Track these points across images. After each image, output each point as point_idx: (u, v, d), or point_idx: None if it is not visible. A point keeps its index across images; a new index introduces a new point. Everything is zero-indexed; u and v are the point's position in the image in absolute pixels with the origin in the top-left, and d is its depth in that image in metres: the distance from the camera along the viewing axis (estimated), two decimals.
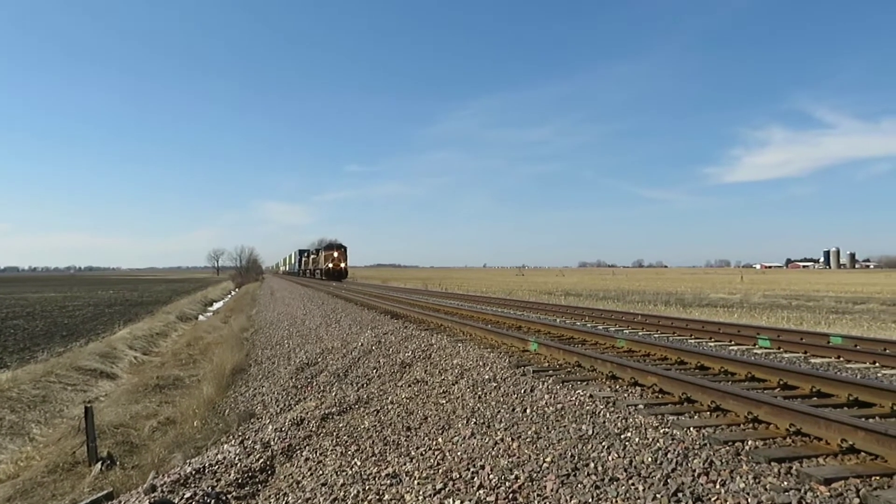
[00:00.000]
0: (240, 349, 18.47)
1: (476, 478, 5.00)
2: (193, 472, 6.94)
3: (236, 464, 6.97)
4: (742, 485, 3.92)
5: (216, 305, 50.58)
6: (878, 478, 3.89)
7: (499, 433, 5.89)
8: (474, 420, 6.49)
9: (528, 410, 6.33)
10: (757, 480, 3.94)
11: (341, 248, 62.53)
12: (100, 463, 9.01)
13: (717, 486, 3.98)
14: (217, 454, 7.53)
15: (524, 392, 6.91)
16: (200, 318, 37.78)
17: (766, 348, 9.61)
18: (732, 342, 10.39)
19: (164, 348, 23.76)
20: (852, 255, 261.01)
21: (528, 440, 5.53)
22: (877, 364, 8.02)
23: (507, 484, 4.76)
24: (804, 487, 3.77)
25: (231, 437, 9.18)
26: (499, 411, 6.54)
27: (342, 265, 61.34)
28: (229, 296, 65.10)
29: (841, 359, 8.48)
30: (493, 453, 5.45)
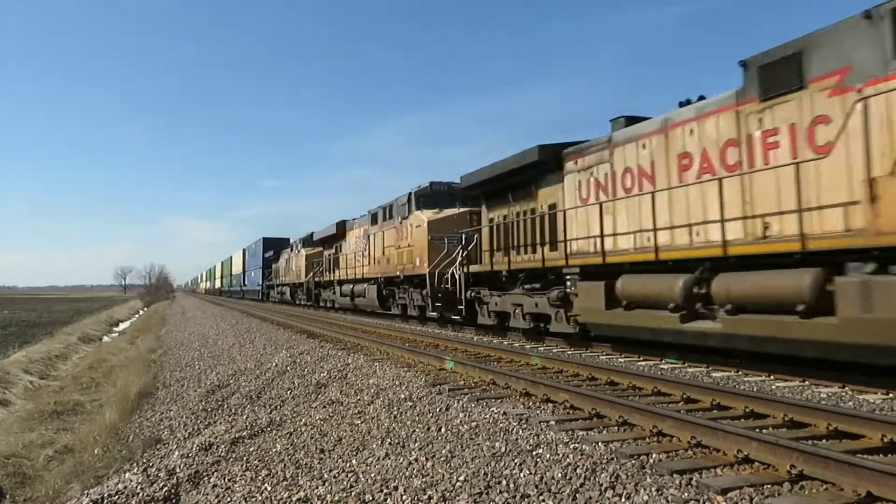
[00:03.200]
0: (147, 371, 17.63)
1: (389, 499, 4.95)
2: None
3: (138, 493, 6.64)
4: (646, 497, 4.05)
5: (123, 325, 48.14)
6: (769, 486, 4.10)
7: (413, 453, 5.86)
8: (389, 440, 6.44)
9: (442, 429, 6.34)
10: (659, 492, 4.08)
11: None
12: None
13: (623, 500, 4.10)
14: (118, 483, 7.15)
15: (439, 411, 6.92)
16: (105, 339, 35.84)
17: (672, 363, 9.98)
18: (641, 358, 10.75)
19: (63, 372, 22.38)
20: None
21: (442, 459, 5.54)
22: (772, 377, 8.47)
23: None
24: (703, 498, 3.94)
25: (134, 464, 8.74)
26: (414, 431, 6.52)
27: None
28: (137, 315, 62.17)
29: (740, 372, 8.91)
30: (407, 473, 5.41)
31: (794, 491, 4.05)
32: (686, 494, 4.02)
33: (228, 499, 5.99)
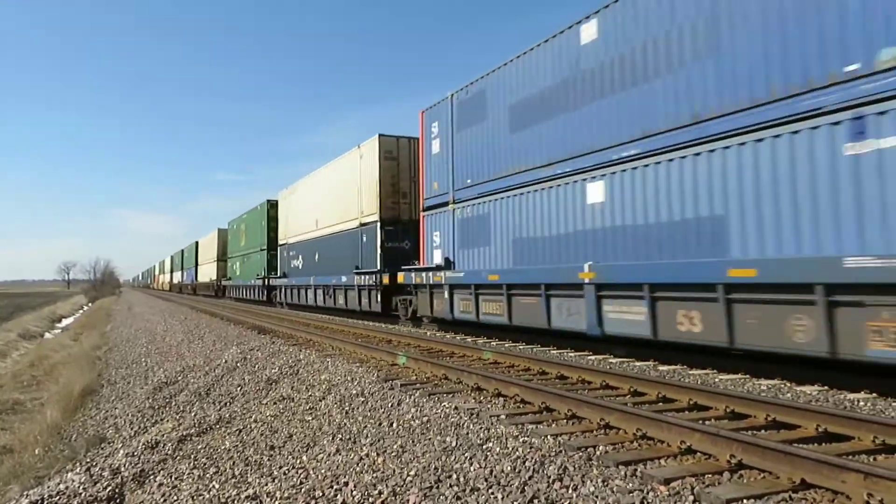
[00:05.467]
0: (91, 369, 17.16)
1: (339, 495, 4.93)
2: None
3: (80, 493, 6.46)
4: (592, 488, 4.13)
5: (66, 322, 46.69)
6: (710, 476, 4.23)
7: (364, 448, 5.86)
8: (340, 436, 6.41)
9: (394, 424, 6.34)
10: (605, 484, 4.17)
11: None
12: None
13: (570, 491, 4.17)
14: (59, 484, 6.94)
15: (391, 406, 6.92)
16: (47, 335, 34.69)
17: (622, 358, 10.18)
18: (591, 352, 10.93)
19: (2, 370, 21.57)
20: None
21: (393, 454, 5.54)
22: (716, 370, 8.72)
23: (371, 500, 4.73)
24: (647, 488, 4.04)
25: (77, 464, 8.50)
26: (365, 426, 6.50)
27: None
28: (81, 311, 60.31)
29: (685, 366, 9.15)
30: (358, 469, 5.40)
31: (733, 480, 4.19)
32: (630, 485, 4.12)
33: (175, 497, 5.88)
